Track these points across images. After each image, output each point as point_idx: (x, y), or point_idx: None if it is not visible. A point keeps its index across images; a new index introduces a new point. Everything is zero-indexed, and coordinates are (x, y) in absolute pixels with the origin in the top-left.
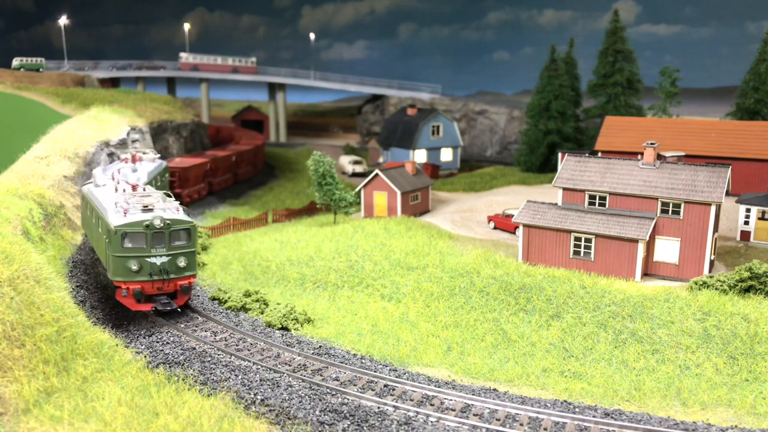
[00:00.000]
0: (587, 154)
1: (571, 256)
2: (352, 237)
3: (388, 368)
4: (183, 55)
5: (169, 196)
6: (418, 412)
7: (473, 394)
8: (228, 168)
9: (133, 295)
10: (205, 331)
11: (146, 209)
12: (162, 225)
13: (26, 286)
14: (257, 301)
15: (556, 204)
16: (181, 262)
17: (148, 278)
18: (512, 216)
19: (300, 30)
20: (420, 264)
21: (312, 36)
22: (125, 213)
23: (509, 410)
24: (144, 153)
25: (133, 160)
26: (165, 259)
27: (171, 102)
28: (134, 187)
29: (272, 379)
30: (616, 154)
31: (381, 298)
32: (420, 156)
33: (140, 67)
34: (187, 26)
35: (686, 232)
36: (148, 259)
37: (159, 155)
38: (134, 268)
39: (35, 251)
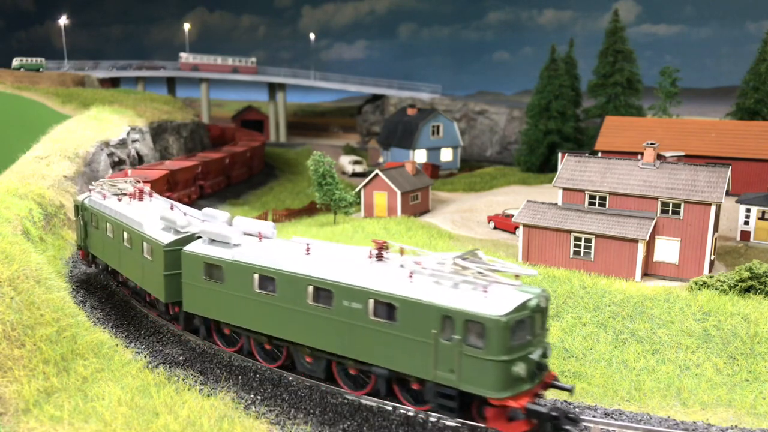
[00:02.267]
0: (587, 154)
1: (571, 256)
2: (352, 237)
3: None
4: (183, 55)
5: None
6: (417, 412)
7: None
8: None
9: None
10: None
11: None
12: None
13: (26, 286)
14: None
15: (556, 204)
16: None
17: (530, 383)
18: (512, 216)
19: (300, 30)
20: None
21: (312, 36)
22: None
23: None
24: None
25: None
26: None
27: (171, 102)
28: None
29: (272, 378)
30: (616, 154)
31: None
32: (420, 156)
33: (140, 67)
34: (187, 26)
35: (686, 232)
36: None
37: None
38: (522, 372)
39: (35, 251)
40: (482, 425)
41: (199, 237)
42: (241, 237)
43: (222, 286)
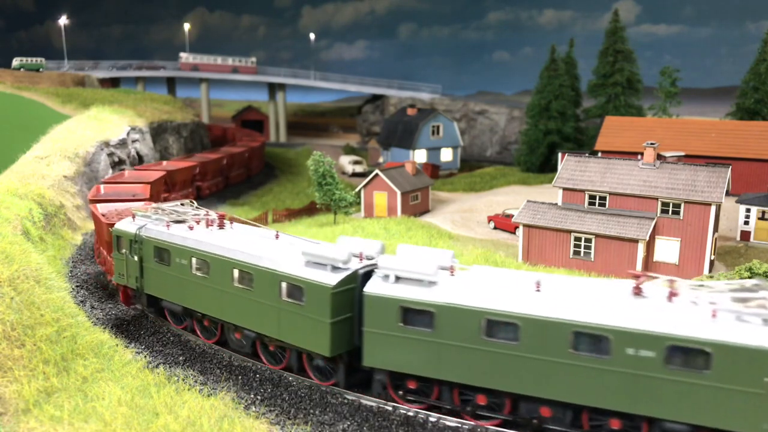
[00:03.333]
0: (587, 154)
1: (571, 256)
2: (352, 237)
3: None
4: (183, 55)
5: None
6: (417, 412)
7: None
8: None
9: None
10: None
11: None
12: None
13: (26, 286)
14: None
15: (556, 204)
16: None
17: None
18: (512, 216)
19: (300, 30)
20: None
21: (312, 36)
22: None
23: None
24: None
25: None
26: None
27: (171, 102)
28: None
29: (272, 378)
30: (616, 154)
31: None
32: (420, 156)
33: (140, 67)
34: (187, 26)
35: (686, 232)
36: None
37: None
38: None
39: (35, 251)
40: (482, 425)
41: (367, 273)
42: (437, 273)
43: (433, 335)
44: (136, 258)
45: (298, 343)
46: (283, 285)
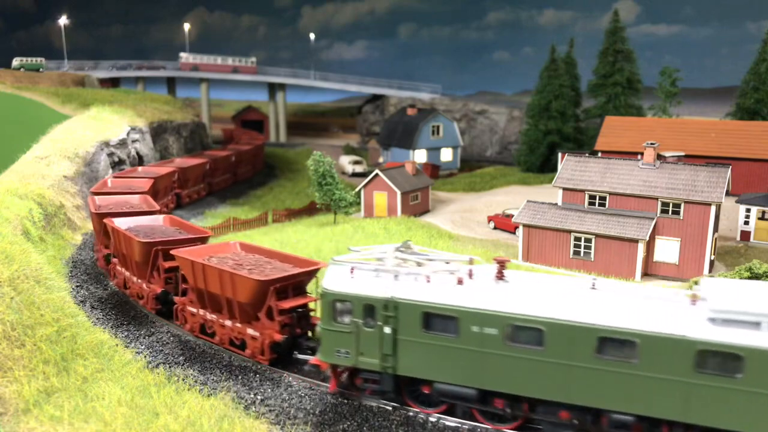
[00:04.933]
0: (587, 154)
1: (571, 256)
2: (352, 237)
3: None
4: (183, 55)
5: None
6: (417, 412)
7: None
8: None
9: None
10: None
11: None
12: None
13: (26, 286)
14: None
15: (556, 204)
16: None
17: None
18: (512, 216)
19: (300, 30)
20: None
21: (312, 36)
22: None
23: None
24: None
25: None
26: None
27: (171, 102)
28: None
29: (272, 378)
30: (616, 154)
31: None
32: (420, 156)
33: (140, 67)
34: (187, 26)
35: (686, 232)
36: None
37: None
38: None
39: (35, 251)
40: (482, 425)
41: None
42: None
43: None
44: (387, 329)
45: (733, 427)
46: (699, 354)
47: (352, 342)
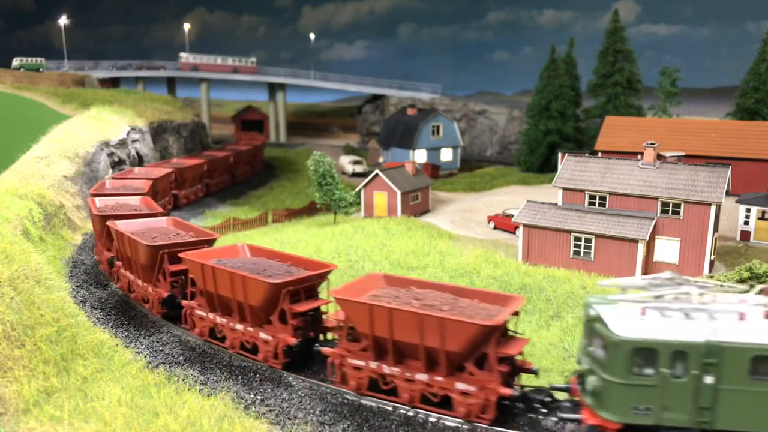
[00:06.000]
0: (587, 154)
1: (571, 256)
2: (352, 237)
3: None
4: (183, 55)
5: None
6: (417, 412)
7: None
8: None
9: None
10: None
11: None
12: None
13: (26, 286)
14: None
15: (556, 204)
16: None
17: None
18: (512, 216)
19: (300, 30)
20: (420, 264)
21: (312, 36)
22: None
23: None
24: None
25: None
26: None
27: (171, 102)
28: None
29: (272, 378)
30: (616, 154)
31: None
32: (420, 156)
33: (140, 67)
34: (187, 26)
35: (686, 232)
36: None
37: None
38: None
39: (35, 251)
40: (482, 425)
41: None
42: None
43: None
44: (709, 379)
45: None
46: None
47: (655, 396)
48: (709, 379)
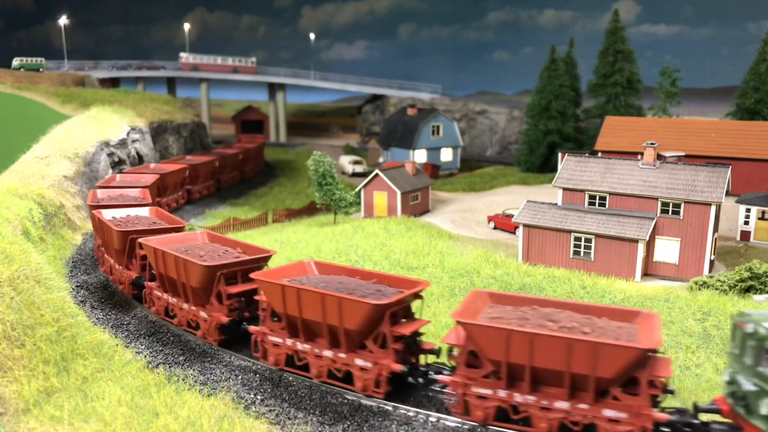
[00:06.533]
0: (587, 154)
1: (571, 256)
2: (352, 237)
3: None
4: (183, 55)
5: None
6: (418, 412)
7: None
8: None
9: None
10: None
11: None
12: None
13: (26, 286)
14: None
15: (556, 204)
16: None
17: None
18: (512, 216)
19: (300, 30)
20: (420, 264)
21: (312, 36)
22: None
23: None
24: None
25: None
26: None
27: (171, 102)
28: None
29: (272, 378)
30: (616, 154)
31: None
32: (420, 156)
33: (140, 67)
34: (187, 26)
35: (686, 232)
36: None
37: None
38: None
39: (35, 251)
40: (481, 425)
41: None
42: None
43: None
44: None
45: None
46: None
47: None
48: None
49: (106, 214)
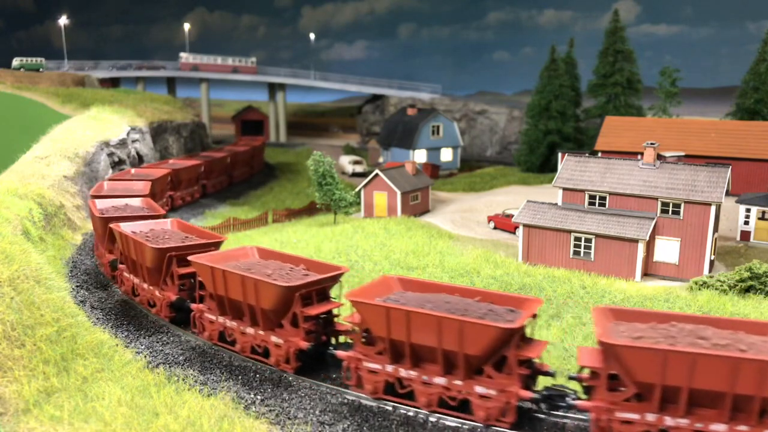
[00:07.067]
0: (587, 154)
1: (571, 256)
2: (352, 237)
3: None
4: (183, 55)
5: None
6: (418, 412)
7: None
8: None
9: None
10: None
11: None
12: None
13: (26, 286)
14: None
15: (556, 204)
16: None
17: None
18: (512, 216)
19: (300, 30)
20: (420, 264)
21: (312, 36)
22: None
23: None
24: None
25: None
26: None
27: (171, 102)
28: None
29: (272, 378)
30: (616, 154)
31: None
32: (420, 156)
33: (140, 67)
34: (187, 26)
35: (686, 232)
36: None
37: None
38: None
39: (35, 251)
40: (482, 424)
41: None
42: None
43: None
44: None
45: None
46: None
47: None
48: None
49: (126, 228)
